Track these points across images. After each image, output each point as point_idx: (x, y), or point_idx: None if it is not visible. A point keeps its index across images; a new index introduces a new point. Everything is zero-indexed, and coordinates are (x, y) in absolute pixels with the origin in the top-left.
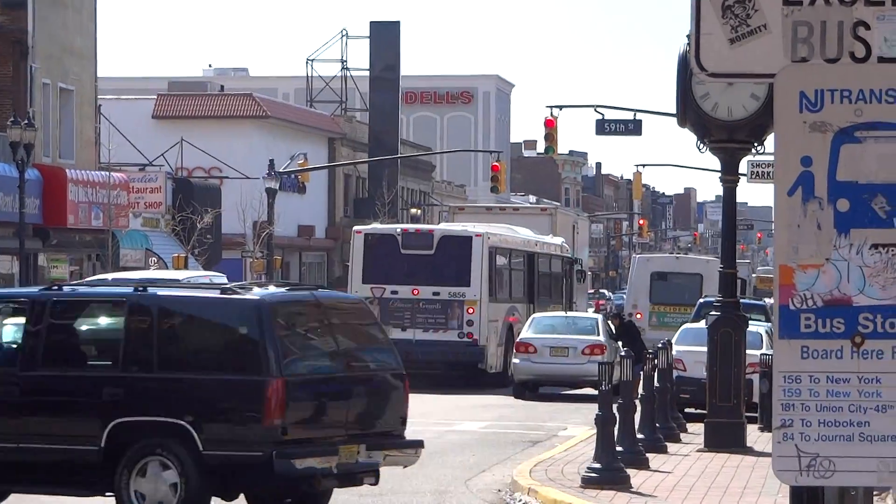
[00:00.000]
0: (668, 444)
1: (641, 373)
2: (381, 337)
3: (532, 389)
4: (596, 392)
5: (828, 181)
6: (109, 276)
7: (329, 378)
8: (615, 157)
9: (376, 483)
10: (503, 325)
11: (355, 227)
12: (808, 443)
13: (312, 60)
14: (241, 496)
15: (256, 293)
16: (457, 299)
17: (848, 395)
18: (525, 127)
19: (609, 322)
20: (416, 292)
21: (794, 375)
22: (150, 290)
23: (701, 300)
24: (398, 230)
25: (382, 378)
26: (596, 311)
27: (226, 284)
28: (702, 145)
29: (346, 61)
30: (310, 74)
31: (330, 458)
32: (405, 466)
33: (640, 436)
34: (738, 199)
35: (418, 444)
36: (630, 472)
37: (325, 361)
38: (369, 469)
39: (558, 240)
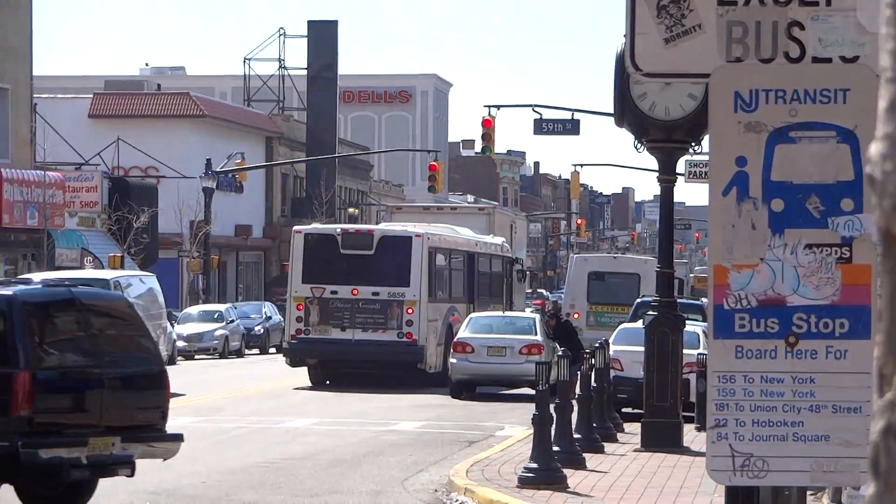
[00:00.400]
0: (605, 444)
1: (578, 372)
2: (141, 333)
3: (469, 389)
4: (533, 392)
5: (762, 181)
6: (37, 276)
7: (81, 372)
8: (553, 157)
9: (132, 474)
10: (443, 325)
11: (295, 227)
12: (741, 443)
13: (250, 59)
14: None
15: (10, 289)
16: (396, 299)
17: (782, 395)
18: (463, 126)
19: (546, 322)
20: (355, 292)
21: (728, 375)
22: None
23: (638, 300)
24: (338, 230)
25: (140, 373)
26: (542, 311)
27: None
28: (640, 145)
29: (283, 60)
30: (247, 73)
31: (79, 449)
32: (165, 459)
33: (577, 436)
34: (676, 199)
35: (177, 438)
36: (567, 471)
37: (78, 356)
38: (124, 461)
39: (499, 239)
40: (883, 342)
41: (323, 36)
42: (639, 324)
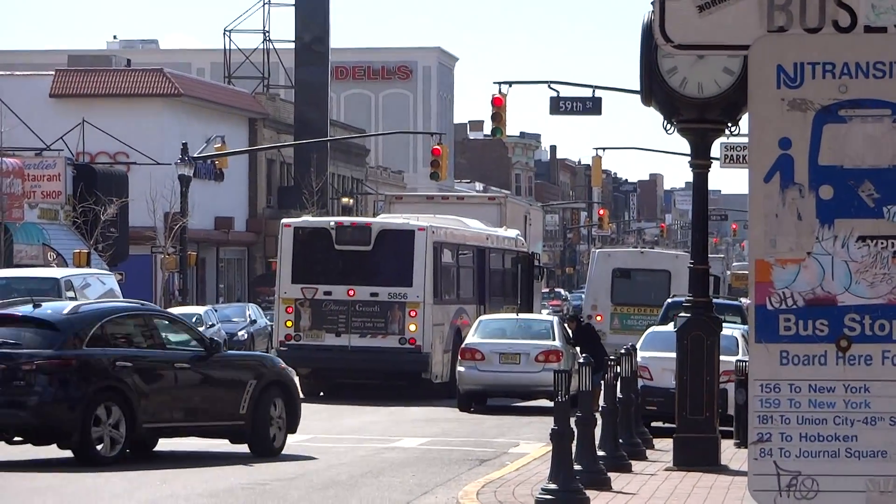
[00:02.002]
0: (632, 462)
1: (602, 382)
2: None
3: (479, 401)
4: (551, 404)
5: (809, 165)
6: None
7: None
8: (572, 140)
9: None
10: (450, 330)
11: (284, 220)
12: (787, 459)
13: (230, 31)
14: None
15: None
16: (397, 301)
17: (833, 405)
18: (470, 106)
19: (565, 325)
20: (351, 293)
21: (772, 384)
22: None
23: (669, 300)
24: (332, 223)
25: None
26: (560, 312)
27: None
28: (669, 126)
29: (268, 32)
30: (228, 47)
31: None
32: None
33: (601, 453)
34: (711, 187)
35: None
36: (590, 493)
37: None
38: None
39: (512, 232)
40: None
41: (313, 4)
42: (669, 327)
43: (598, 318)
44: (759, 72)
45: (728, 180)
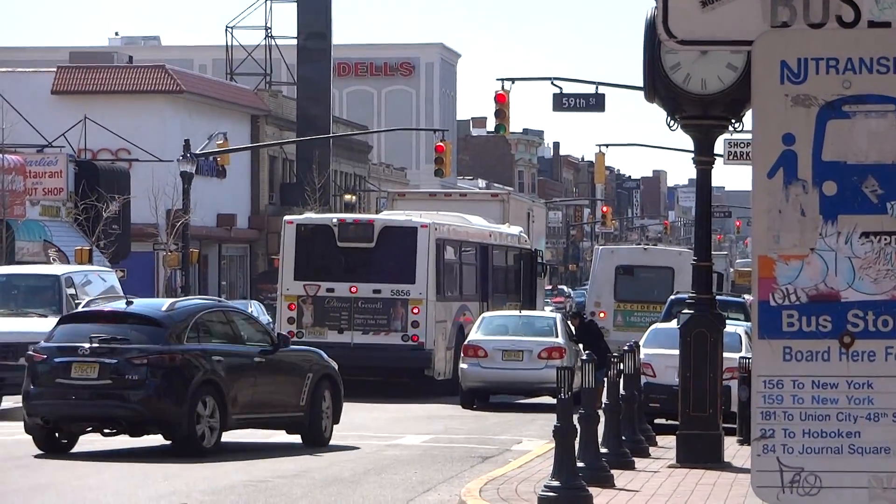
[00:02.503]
0: (635, 459)
1: (605, 379)
2: None
3: (482, 398)
4: (554, 401)
5: (812, 161)
6: None
7: None
8: (575, 137)
9: None
10: (453, 327)
11: (286, 217)
12: (791, 456)
13: (232, 28)
14: None
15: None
16: (400, 298)
17: (836, 401)
18: (473, 103)
19: (568, 322)
20: (354, 290)
21: (775, 380)
22: None
23: (672, 297)
24: (334, 220)
25: None
26: (563, 309)
27: None
28: (672, 122)
29: (270, 28)
30: (230, 43)
31: None
32: None
33: (603, 450)
34: (714, 183)
35: None
36: (593, 490)
37: None
38: None
39: (515, 229)
40: None
41: (315, 1)
42: (673, 324)
43: (602, 315)
44: (763, 67)
45: (732, 177)
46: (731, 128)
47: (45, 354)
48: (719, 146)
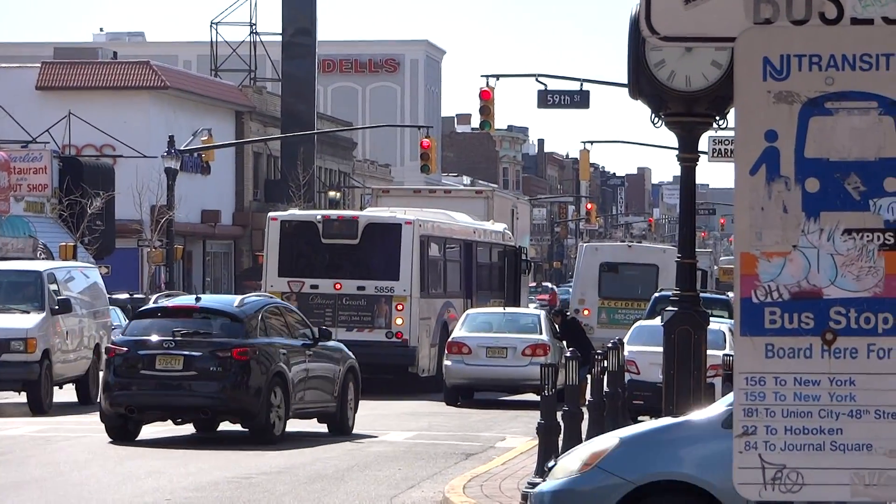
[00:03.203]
0: None
1: (589, 376)
2: None
3: (466, 395)
4: (538, 398)
5: (795, 158)
6: None
7: None
8: (560, 134)
9: None
10: (437, 324)
11: (270, 214)
12: (772, 453)
13: (217, 24)
14: None
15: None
16: (384, 294)
17: (818, 398)
18: (458, 99)
19: (551, 320)
20: (338, 287)
21: (757, 377)
22: None
23: (656, 294)
24: (319, 217)
25: None
26: (551, 307)
27: None
28: (657, 119)
29: (255, 25)
30: (214, 39)
31: None
32: None
33: None
34: (699, 181)
35: None
36: None
37: None
38: None
39: (499, 226)
40: None
41: None
42: (657, 321)
43: (586, 312)
44: (745, 64)
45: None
46: (715, 125)
47: (126, 347)
48: (704, 143)
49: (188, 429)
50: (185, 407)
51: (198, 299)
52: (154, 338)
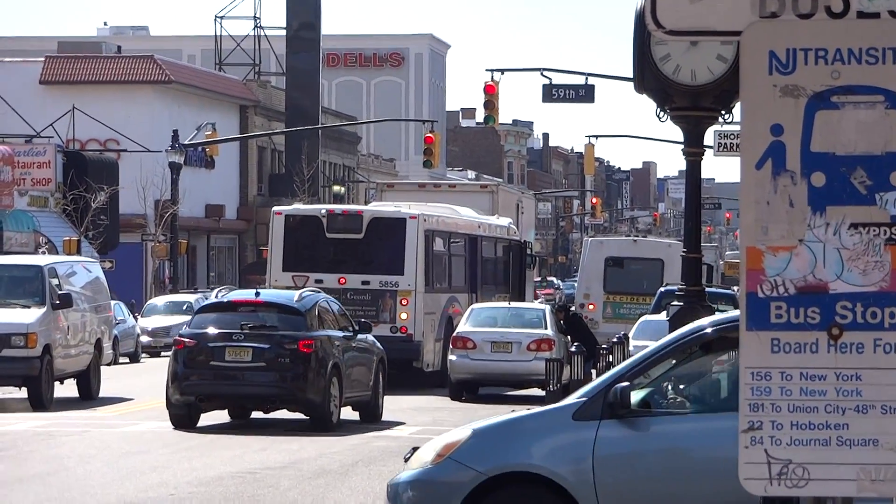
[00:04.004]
0: None
1: (594, 371)
2: None
3: (471, 390)
4: (543, 393)
5: (801, 152)
6: None
7: None
8: (565, 128)
9: None
10: (441, 318)
11: (275, 208)
12: (778, 448)
13: (221, 18)
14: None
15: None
16: (389, 289)
17: (824, 393)
18: (463, 93)
19: (555, 314)
20: (343, 281)
21: (763, 372)
22: None
23: (661, 289)
24: (323, 211)
25: None
26: (553, 301)
27: None
28: (662, 114)
29: (259, 19)
30: (218, 34)
31: None
32: None
33: None
34: (704, 175)
35: None
36: None
37: None
38: None
39: (505, 221)
40: None
41: None
42: (662, 315)
43: (591, 306)
44: (751, 58)
45: (722, 169)
46: (720, 119)
47: (195, 340)
48: (709, 138)
49: (186, 428)
50: (253, 396)
51: (257, 294)
52: (222, 330)
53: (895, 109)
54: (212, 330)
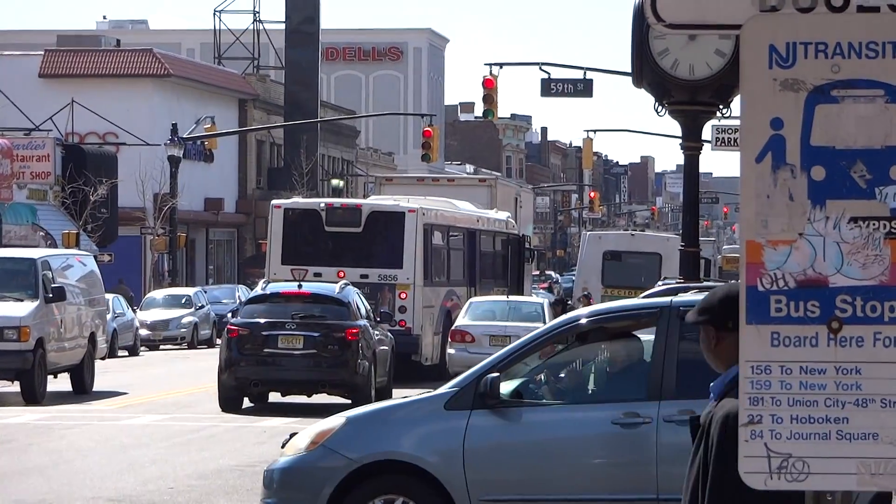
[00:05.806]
0: None
1: None
2: None
3: None
4: None
5: (801, 146)
6: None
7: None
8: (563, 122)
9: None
10: (440, 312)
11: (274, 201)
12: (778, 441)
13: (220, 11)
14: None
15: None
16: (388, 283)
17: (824, 387)
18: (461, 88)
19: (552, 309)
20: (341, 275)
21: (762, 366)
22: None
23: (660, 283)
24: (322, 204)
25: None
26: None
27: None
28: (660, 108)
29: (258, 12)
30: (217, 27)
31: None
32: None
33: None
34: (702, 169)
35: None
36: None
37: None
38: None
39: (503, 215)
40: None
41: None
42: None
43: (590, 300)
44: (751, 51)
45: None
46: (719, 114)
47: (248, 329)
48: (707, 132)
49: (184, 422)
50: (304, 381)
51: (300, 286)
52: (274, 320)
53: (895, 104)
54: (263, 319)
